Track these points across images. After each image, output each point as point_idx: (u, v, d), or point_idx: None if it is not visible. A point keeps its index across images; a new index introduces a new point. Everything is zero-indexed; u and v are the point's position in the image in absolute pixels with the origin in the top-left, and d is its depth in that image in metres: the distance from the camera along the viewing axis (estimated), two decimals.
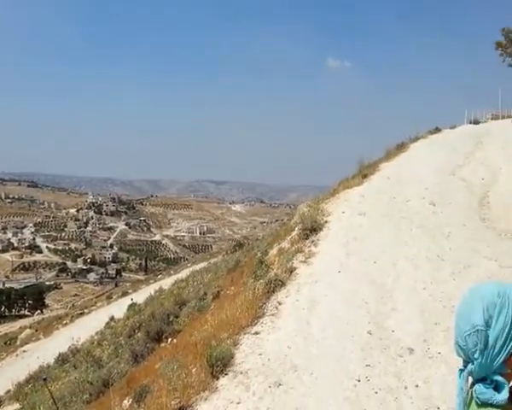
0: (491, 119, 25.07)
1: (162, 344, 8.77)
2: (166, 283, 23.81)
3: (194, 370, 4.65)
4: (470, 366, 1.28)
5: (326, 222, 8.40)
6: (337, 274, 6.36)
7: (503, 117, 23.75)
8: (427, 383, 4.00)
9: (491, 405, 1.26)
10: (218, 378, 4.37)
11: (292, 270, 6.68)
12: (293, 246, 7.77)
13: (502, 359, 1.26)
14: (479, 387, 1.27)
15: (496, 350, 1.25)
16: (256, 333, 5.12)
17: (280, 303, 5.73)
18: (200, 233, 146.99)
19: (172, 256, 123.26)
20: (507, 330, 1.25)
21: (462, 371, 1.31)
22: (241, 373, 4.40)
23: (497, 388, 1.26)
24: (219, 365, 4.51)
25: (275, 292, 6.04)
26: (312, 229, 8.11)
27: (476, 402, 1.28)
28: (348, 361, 4.42)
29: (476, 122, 23.53)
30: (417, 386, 3.99)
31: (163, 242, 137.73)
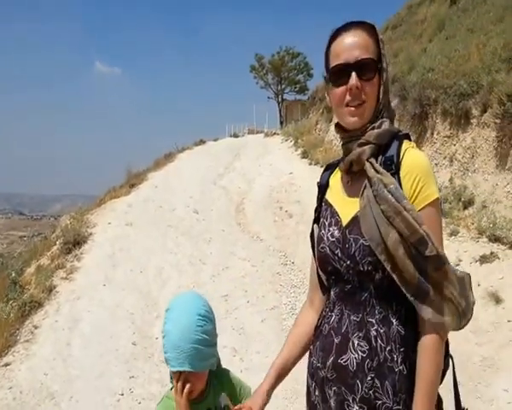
0: (248, 133, 28.04)
1: None
2: None
3: None
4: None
5: (91, 234, 8.04)
6: (102, 288, 6.13)
7: (257, 132, 26.82)
8: None
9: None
10: None
11: (51, 289, 6.16)
12: (54, 262, 7.18)
13: None
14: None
15: None
16: (6, 365, 4.53)
17: (36, 327, 5.21)
18: None
19: None
20: None
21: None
22: None
23: None
24: None
25: (30, 315, 5.47)
26: (76, 242, 7.66)
27: None
28: (112, 376, 4.30)
29: (236, 135, 26.01)
30: None
31: None
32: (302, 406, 1.48)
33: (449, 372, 1.39)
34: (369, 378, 1.29)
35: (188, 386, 1.45)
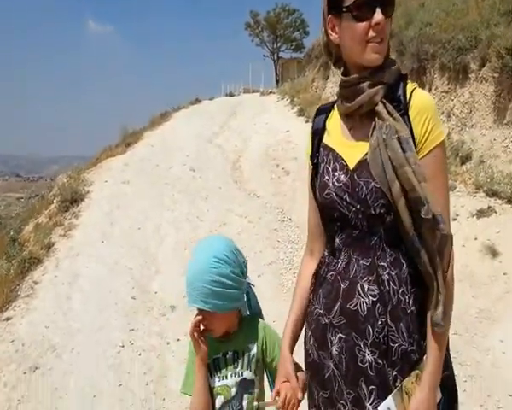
0: (244, 92, 27.61)
1: None
2: None
3: None
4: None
5: (88, 192, 8.04)
6: (100, 244, 6.16)
7: (253, 91, 26.41)
8: (187, 335, 4.24)
9: None
10: None
11: (50, 245, 6.20)
12: (52, 220, 7.19)
13: None
14: None
15: None
16: (7, 319, 4.60)
17: (36, 282, 5.26)
18: None
19: None
20: None
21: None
22: None
23: None
24: None
25: (30, 271, 5.52)
26: (73, 200, 7.65)
27: None
28: (112, 329, 4.37)
29: (231, 95, 25.63)
30: (179, 340, 4.21)
31: None
32: (301, 348, 1.49)
33: None
34: (379, 323, 1.27)
35: (195, 324, 1.54)
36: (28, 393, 3.57)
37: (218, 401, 1.56)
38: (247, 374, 1.57)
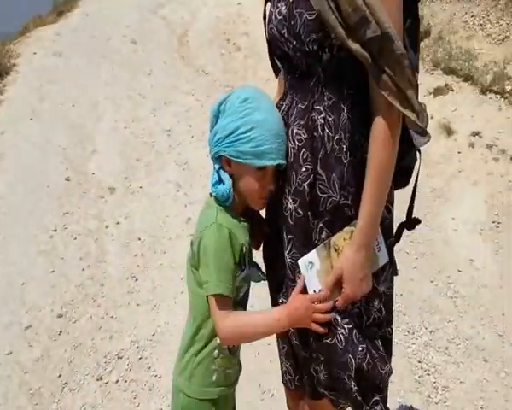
0: None
1: None
2: None
3: None
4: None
5: (14, 65, 7.13)
6: (29, 122, 5.53)
7: None
8: (128, 218, 3.96)
9: (216, 199, 1.26)
10: None
11: None
12: None
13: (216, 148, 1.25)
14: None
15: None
16: None
17: None
18: None
19: None
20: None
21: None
22: None
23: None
24: None
25: None
26: None
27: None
28: (43, 213, 3.98)
29: None
30: (118, 223, 3.91)
31: None
32: None
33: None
34: (303, 170, 1.18)
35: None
36: None
37: (244, 288, 1.31)
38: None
